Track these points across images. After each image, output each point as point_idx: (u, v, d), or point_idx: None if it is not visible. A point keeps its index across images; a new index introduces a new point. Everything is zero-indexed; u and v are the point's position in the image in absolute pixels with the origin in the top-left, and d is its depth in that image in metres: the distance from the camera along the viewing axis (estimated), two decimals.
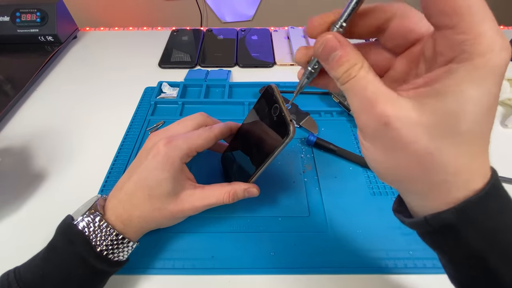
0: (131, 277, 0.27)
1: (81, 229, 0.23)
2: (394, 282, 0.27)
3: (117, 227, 0.24)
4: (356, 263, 0.28)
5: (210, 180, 0.29)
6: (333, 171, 0.36)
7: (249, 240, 0.30)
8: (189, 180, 0.28)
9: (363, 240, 0.30)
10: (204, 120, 0.30)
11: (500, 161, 0.37)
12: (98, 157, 0.38)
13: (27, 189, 0.35)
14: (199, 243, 0.30)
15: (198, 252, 0.29)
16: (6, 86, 0.48)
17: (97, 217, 0.24)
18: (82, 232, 0.23)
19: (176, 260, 0.28)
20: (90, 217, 0.23)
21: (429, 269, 0.28)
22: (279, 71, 0.53)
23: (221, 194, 0.27)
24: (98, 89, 0.49)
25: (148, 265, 0.28)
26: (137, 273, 0.28)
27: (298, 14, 1.14)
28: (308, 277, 0.28)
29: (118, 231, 0.24)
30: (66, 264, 0.22)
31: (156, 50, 0.57)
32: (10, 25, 0.54)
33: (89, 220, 0.23)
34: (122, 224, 0.24)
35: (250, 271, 0.28)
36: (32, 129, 0.42)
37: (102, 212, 0.24)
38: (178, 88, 0.47)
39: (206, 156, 0.31)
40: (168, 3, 1.09)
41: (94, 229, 0.23)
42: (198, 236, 0.30)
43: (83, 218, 0.23)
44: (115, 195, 0.26)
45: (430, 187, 0.16)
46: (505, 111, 0.44)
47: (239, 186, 0.28)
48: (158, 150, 0.25)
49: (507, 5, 1.12)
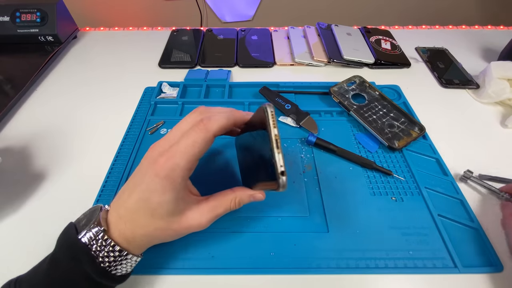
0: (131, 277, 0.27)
1: (85, 244, 0.22)
2: (394, 282, 0.27)
3: (120, 244, 0.23)
4: (356, 263, 0.28)
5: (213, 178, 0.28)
6: (333, 171, 0.36)
7: (249, 240, 0.30)
8: (192, 195, 0.27)
9: (363, 240, 0.30)
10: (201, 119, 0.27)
11: (500, 161, 0.38)
12: (98, 157, 0.38)
13: (27, 189, 0.35)
14: (200, 243, 0.29)
15: (198, 252, 0.29)
16: (6, 86, 0.48)
17: (101, 233, 0.23)
18: (86, 247, 0.22)
19: (176, 260, 0.28)
20: (93, 232, 0.23)
21: (429, 269, 0.28)
22: (279, 71, 0.53)
23: (227, 202, 0.26)
24: (98, 89, 0.49)
25: (148, 265, 0.28)
26: (137, 273, 0.28)
27: (298, 14, 1.14)
28: (308, 277, 0.28)
29: (122, 248, 0.23)
30: (70, 281, 0.22)
31: (156, 50, 0.57)
32: (10, 25, 0.54)
33: (93, 235, 0.23)
34: (126, 242, 0.24)
35: (250, 271, 0.28)
36: (32, 129, 0.42)
37: (106, 226, 0.23)
38: (178, 88, 0.47)
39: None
40: (168, 3, 1.09)
41: (98, 244, 0.22)
42: (198, 236, 0.30)
43: (87, 232, 0.23)
44: (116, 209, 0.24)
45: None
46: (505, 111, 0.44)
47: (243, 192, 0.27)
48: (157, 171, 0.23)
49: (507, 5, 1.12)
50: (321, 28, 0.59)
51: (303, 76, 0.52)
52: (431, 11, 1.15)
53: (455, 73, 0.51)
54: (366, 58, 0.52)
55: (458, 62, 0.54)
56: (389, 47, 0.56)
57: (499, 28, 0.65)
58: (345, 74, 0.49)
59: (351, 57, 0.52)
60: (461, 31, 0.64)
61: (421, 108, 0.44)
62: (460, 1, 1.13)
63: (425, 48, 0.58)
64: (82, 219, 0.24)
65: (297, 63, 0.53)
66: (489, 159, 0.37)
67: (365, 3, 1.13)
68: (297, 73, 0.52)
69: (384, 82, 0.49)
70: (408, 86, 0.48)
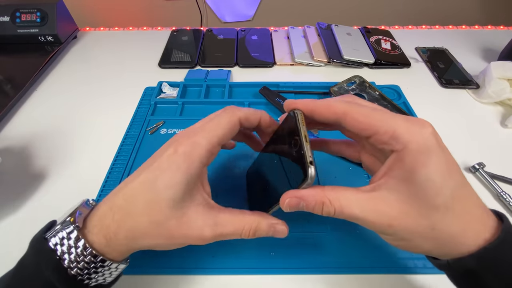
0: (130, 277, 0.27)
1: (52, 247, 0.19)
2: (394, 282, 0.27)
3: (96, 244, 0.19)
4: (356, 263, 0.28)
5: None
6: (333, 171, 0.36)
7: (249, 240, 0.29)
8: (205, 193, 0.22)
9: (363, 240, 0.30)
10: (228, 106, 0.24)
11: (500, 161, 0.38)
12: (98, 157, 0.38)
13: (27, 189, 0.35)
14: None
15: (198, 252, 0.29)
16: (6, 86, 0.48)
17: (73, 232, 0.19)
18: (52, 251, 0.19)
19: (176, 260, 0.28)
20: (65, 231, 0.19)
21: (429, 269, 0.28)
22: (279, 71, 0.53)
23: (241, 224, 0.21)
24: (98, 89, 0.49)
25: (147, 265, 0.28)
26: (136, 273, 0.28)
27: (298, 14, 1.14)
28: (308, 277, 0.28)
29: (97, 250, 0.19)
30: None
31: (156, 50, 0.57)
32: (10, 25, 0.54)
33: (63, 235, 0.19)
34: (105, 239, 0.19)
35: (250, 271, 0.28)
36: (32, 129, 0.42)
37: (81, 223, 0.20)
38: (178, 88, 0.47)
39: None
40: (168, 3, 1.09)
41: (68, 247, 0.19)
42: None
43: (57, 232, 0.19)
44: (109, 199, 0.21)
45: (447, 251, 0.18)
46: (505, 111, 0.44)
47: (265, 219, 0.22)
48: (176, 148, 0.20)
49: (507, 5, 1.12)
50: (321, 28, 0.59)
51: (303, 76, 0.52)
52: (431, 11, 1.15)
53: (455, 73, 0.51)
54: (366, 58, 0.52)
55: (458, 62, 0.54)
56: (389, 47, 0.56)
57: (499, 28, 0.65)
58: (345, 74, 0.49)
59: (351, 57, 0.52)
60: (461, 31, 0.64)
61: (421, 108, 0.44)
62: (460, 1, 1.13)
63: (425, 48, 0.58)
64: (64, 215, 0.21)
65: (297, 63, 0.53)
66: (489, 159, 0.37)
67: (365, 3, 1.13)
68: (297, 73, 0.52)
69: (384, 82, 0.49)
70: (408, 86, 0.48)
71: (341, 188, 0.19)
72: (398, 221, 0.18)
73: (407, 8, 1.14)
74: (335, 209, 0.19)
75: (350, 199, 0.19)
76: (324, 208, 0.19)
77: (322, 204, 0.19)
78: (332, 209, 0.19)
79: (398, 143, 0.17)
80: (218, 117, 0.22)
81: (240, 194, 0.32)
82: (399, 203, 0.18)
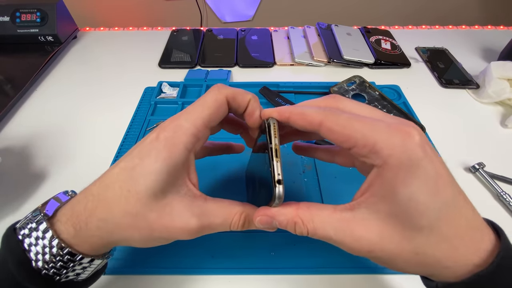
0: (130, 277, 0.27)
1: (20, 238, 0.17)
2: (394, 282, 0.27)
3: (64, 234, 0.17)
4: (356, 263, 0.28)
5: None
6: (333, 171, 0.36)
7: (249, 240, 0.30)
8: (190, 183, 0.19)
9: None
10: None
11: (500, 161, 0.38)
12: (98, 157, 0.38)
13: (27, 189, 0.35)
14: (199, 243, 0.29)
15: (198, 252, 0.29)
16: (6, 86, 0.48)
17: (41, 223, 0.17)
18: (19, 243, 0.17)
19: (176, 260, 0.28)
20: (34, 221, 0.18)
21: None
22: (279, 71, 0.53)
23: (230, 215, 0.19)
24: (98, 89, 0.49)
25: (147, 265, 0.28)
26: (136, 273, 0.28)
27: (298, 14, 1.14)
28: (308, 277, 0.28)
29: (64, 241, 0.17)
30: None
31: (156, 50, 0.57)
32: (10, 25, 0.54)
33: (32, 226, 0.17)
34: (73, 229, 0.17)
35: (250, 271, 0.28)
36: (32, 129, 0.42)
37: (51, 212, 0.18)
38: (178, 88, 0.47)
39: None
40: (168, 3, 1.09)
41: (36, 238, 0.17)
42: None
43: (26, 223, 0.18)
44: (86, 188, 0.19)
45: (436, 275, 0.17)
46: (505, 111, 0.44)
47: (255, 210, 0.20)
48: (158, 133, 0.18)
49: (507, 5, 1.12)
50: (321, 28, 0.59)
51: (303, 76, 0.52)
52: (431, 11, 1.15)
53: (455, 73, 0.51)
54: (366, 58, 0.52)
55: (458, 62, 0.54)
56: (389, 47, 0.56)
57: (499, 28, 0.65)
58: (345, 74, 0.49)
59: (351, 57, 0.52)
60: (461, 31, 0.64)
61: (421, 108, 0.44)
62: (460, 1, 1.13)
63: (425, 48, 0.58)
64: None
65: (297, 63, 0.53)
66: (489, 159, 0.37)
67: (365, 3, 1.13)
68: (297, 73, 0.52)
69: (384, 82, 0.49)
70: (408, 86, 0.48)
71: (317, 206, 0.18)
72: (379, 247, 0.16)
73: (407, 8, 1.14)
74: (307, 230, 0.17)
75: (324, 220, 0.17)
76: (296, 228, 0.18)
77: (294, 224, 0.18)
78: (305, 229, 0.17)
79: (378, 158, 0.15)
80: (203, 97, 0.20)
81: (240, 194, 0.32)
82: (380, 226, 0.16)
